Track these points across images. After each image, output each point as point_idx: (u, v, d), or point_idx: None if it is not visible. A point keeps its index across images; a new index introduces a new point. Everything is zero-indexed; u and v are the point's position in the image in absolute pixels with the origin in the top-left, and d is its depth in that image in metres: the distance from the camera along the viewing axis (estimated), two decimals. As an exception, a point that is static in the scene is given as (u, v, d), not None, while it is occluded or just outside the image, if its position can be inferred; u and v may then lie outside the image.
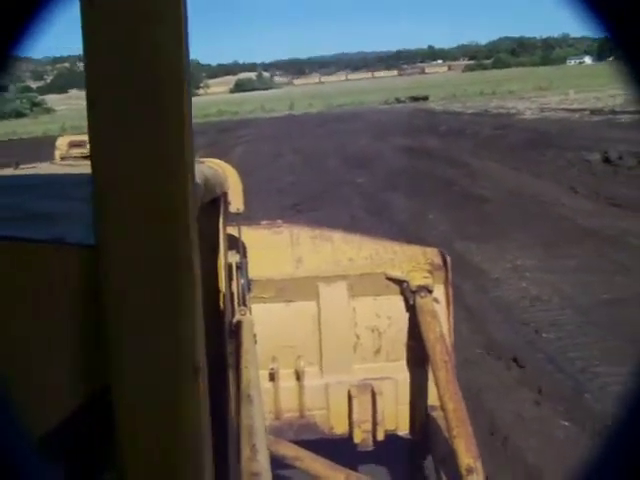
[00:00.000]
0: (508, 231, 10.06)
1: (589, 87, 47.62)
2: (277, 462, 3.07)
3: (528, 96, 51.16)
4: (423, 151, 20.73)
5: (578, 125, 23.93)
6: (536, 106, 37.15)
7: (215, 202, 2.46)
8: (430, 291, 3.53)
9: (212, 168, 2.61)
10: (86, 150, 0.98)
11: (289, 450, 3.40)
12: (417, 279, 3.55)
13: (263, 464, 1.55)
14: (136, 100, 0.83)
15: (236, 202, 2.89)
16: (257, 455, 1.57)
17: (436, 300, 3.56)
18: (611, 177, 13.48)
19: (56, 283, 0.86)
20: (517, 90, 61.34)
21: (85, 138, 0.98)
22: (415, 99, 63.46)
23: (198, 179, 1.66)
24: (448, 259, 3.62)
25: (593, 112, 27.69)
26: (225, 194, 2.67)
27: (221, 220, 2.55)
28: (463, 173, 15.84)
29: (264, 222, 3.91)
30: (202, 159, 2.72)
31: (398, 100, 64.83)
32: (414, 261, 3.63)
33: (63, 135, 3.28)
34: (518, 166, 16.05)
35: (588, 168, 14.69)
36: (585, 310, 6.54)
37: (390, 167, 17.98)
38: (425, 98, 63.96)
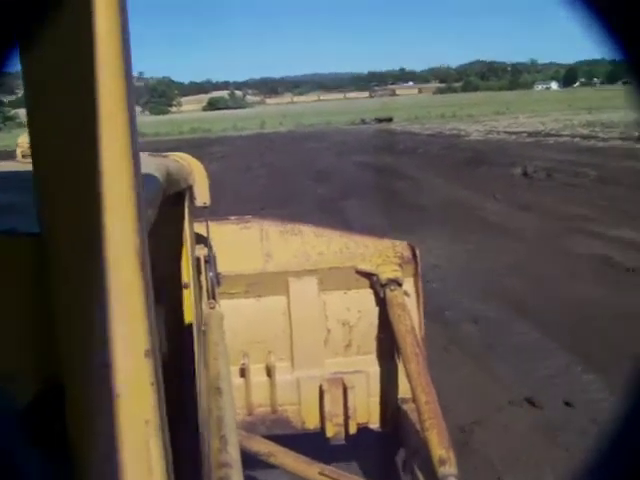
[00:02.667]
0: (432, 227, 12.57)
1: (541, 112, 51.26)
2: (250, 458, 3.07)
3: (483, 120, 54.60)
4: (378, 167, 23.32)
5: (511, 145, 27.22)
6: (485, 129, 40.49)
7: (180, 195, 2.42)
8: (400, 284, 3.54)
9: (177, 162, 2.57)
10: None
11: (262, 446, 3.36)
12: (387, 272, 3.55)
13: (233, 455, 1.52)
14: (76, 94, 0.82)
15: (202, 196, 2.82)
16: (227, 446, 1.54)
17: (406, 293, 3.57)
18: (525, 187, 16.25)
19: (7, 272, 0.90)
20: (476, 114, 64.52)
21: None
22: (380, 120, 65.64)
23: (161, 172, 1.67)
24: (417, 252, 3.64)
25: (530, 134, 31.04)
26: (190, 187, 2.61)
27: (187, 213, 2.50)
28: (408, 185, 18.41)
29: (233, 217, 3.87)
30: (167, 153, 2.72)
31: (363, 121, 67.04)
32: (384, 255, 3.62)
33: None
34: (454, 179, 18.73)
35: (510, 180, 17.47)
36: (464, 272, 9.15)
37: (347, 180, 20.46)
38: (389, 119, 66.32)
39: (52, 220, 0.86)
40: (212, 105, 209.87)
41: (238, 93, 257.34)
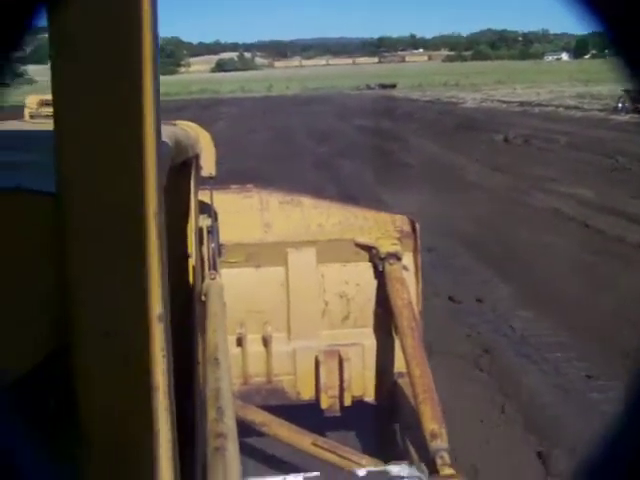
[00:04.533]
0: (414, 182, 14.11)
1: (541, 83, 52.53)
2: (244, 427, 3.08)
3: (484, 89, 55.95)
4: (375, 130, 24.89)
5: (501, 114, 28.99)
6: (481, 97, 42.16)
7: (187, 164, 2.40)
8: (399, 258, 3.52)
9: (184, 130, 2.54)
10: None
11: (256, 415, 3.37)
12: (386, 246, 3.53)
13: (229, 425, 1.52)
14: (100, 60, 0.84)
15: (208, 166, 2.78)
16: (223, 417, 1.54)
17: (405, 267, 3.55)
18: (504, 152, 17.86)
19: (15, 230, 0.89)
20: (478, 83, 65.71)
21: None
22: (384, 86, 66.80)
23: (169, 139, 1.69)
24: (417, 227, 3.62)
25: (521, 104, 32.70)
26: (197, 157, 2.59)
27: (192, 183, 2.47)
28: (399, 146, 20.01)
29: (234, 186, 3.86)
30: (175, 121, 2.70)
31: (368, 87, 68.22)
32: (383, 228, 3.61)
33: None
34: (442, 143, 20.34)
35: (492, 145, 19.13)
36: (432, 217, 10.73)
37: (344, 140, 22.02)
38: (393, 86, 67.37)
39: (69, 180, 0.86)
40: (220, 67, 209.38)
41: (247, 55, 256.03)
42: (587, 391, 4.72)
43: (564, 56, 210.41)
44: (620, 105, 26.80)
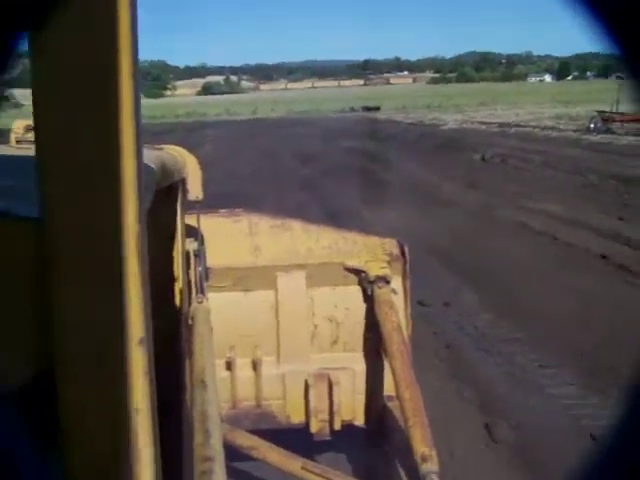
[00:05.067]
0: (392, 200, 14.67)
1: (522, 104, 53.77)
2: (233, 452, 3.10)
3: (466, 110, 57.34)
4: (357, 151, 25.59)
5: (480, 134, 29.93)
6: (462, 119, 43.12)
7: (173, 188, 2.42)
8: (388, 282, 3.53)
9: (170, 154, 2.55)
10: None
11: (245, 440, 3.37)
12: (375, 270, 3.55)
13: (216, 448, 1.52)
14: (82, 85, 0.84)
15: (195, 190, 2.79)
16: (210, 440, 1.54)
17: (394, 291, 3.56)
18: (481, 170, 18.56)
19: (6, 255, 0.91)
20: (461, 104, 66.99)
21: None
22: (368, 109, 67.65)
23: (155, 164, 1.70)
24: (406, 250, 3.64)
25: (500, 125, 33.65)
26: (184, 181, 2.61)
27: (179, 207, 2.49)
28: (380, 167, 20.63)
29: (223, 210, 3.87)
30: (161, 145, 2.70)
31: (352, 109, 69.23)
32: (372, 252, 3.63)
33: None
34: (421, 163, 21.06)
35: (470, 164, 19.83)
36: (404, 230, 11.33)
37: (328, 161, 22.62)
38: (377, 108, 68.14)
39: (52, 205, 0.87)
40: (207, 90, 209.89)
41: (233, 78, 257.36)
42: (536, 377, 5.29)
43: (547, 78, 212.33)
44: (592, 125, 27.88)
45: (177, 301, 2.41)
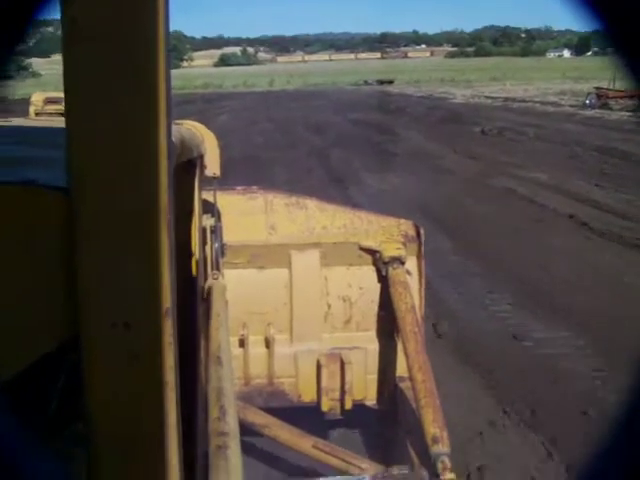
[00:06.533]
0: (396, 168, 15.91)
1: (533, 79, 54.65)
2: (245, 429, 3.09)
3: (476, 85, 58.10)
4: (367, 123, 26.88)
5: (484, 108, 31.37)
6: (471, 93, 44.38)
7: (191, 164, 2.42)
8: (402, 263, 3.52)
9: (189, 130, 2.56)
10: (62, 107, 0.88)
11: (257, 417, 3.39)
12: (390, 250, 3.53)
13: (231, 424, 1.53)
14: (113, 59, 0.85)
15: (213, 166, 2.79)
16: (225, 416, 1.55)
17: (408, 272, 3.54)
18: (480, 142, 19.83)
19: (27, 224, 0.90)
20: (473, 79, 67.25)
21: (61, 95, 0.89)
22: (381, 82, 68.03)
23: (175, 138, 1.66)
24: (422, 231, 3.62)
25: (505, 100, 34.76)
26: (202, 157, 2.60)
27: (196, 182, 2.48)
28: (389, 138, 21.85)
29: (239, 187, 3.88)
30: (180, 121, 2.70)
31: (366, 82, 69.53)
32: (388, 232, 3.60)
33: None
34: (427, 134, 22.34)
35: (470, 137, 21.12)
36: (404, 195, 12.67)
37: (338, 132, 23.89)
38: (390, 82, 68.48)
39: (81, 176, 0.86)
40: (224, 61, 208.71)
41: (250, 50, 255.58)
42: (484, 300, 6.74)
43: (566, 53, 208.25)
44: (588, 101, 29.11)
45: (194, 277, 2.42)
